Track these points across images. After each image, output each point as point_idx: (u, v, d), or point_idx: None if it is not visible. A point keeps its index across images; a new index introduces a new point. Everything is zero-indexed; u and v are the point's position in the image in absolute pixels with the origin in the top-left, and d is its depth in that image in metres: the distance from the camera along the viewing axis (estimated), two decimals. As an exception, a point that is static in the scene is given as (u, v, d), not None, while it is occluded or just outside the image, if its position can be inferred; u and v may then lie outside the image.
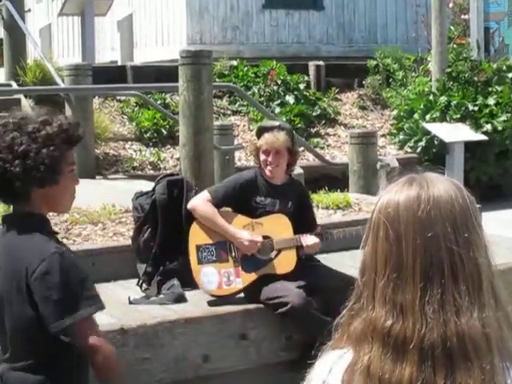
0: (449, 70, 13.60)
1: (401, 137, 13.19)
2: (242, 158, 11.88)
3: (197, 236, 5.45)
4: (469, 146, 12.58)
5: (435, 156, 12.70)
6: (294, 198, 5.54)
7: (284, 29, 16.37)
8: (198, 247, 5.43)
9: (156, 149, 11.71)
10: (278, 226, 5.43)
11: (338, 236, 5.42)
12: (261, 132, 5.47)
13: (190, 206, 5.52)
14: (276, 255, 5.42)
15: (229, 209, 5.59)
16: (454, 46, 14.47)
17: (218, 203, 5.45)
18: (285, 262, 5.39)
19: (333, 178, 10.37)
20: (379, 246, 1.68)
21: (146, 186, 9.70)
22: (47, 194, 2.93)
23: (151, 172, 11.11)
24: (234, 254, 5.42)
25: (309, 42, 16.60)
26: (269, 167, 5.41)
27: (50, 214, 7.05)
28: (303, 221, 5.49)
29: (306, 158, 12.01)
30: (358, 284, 1.73)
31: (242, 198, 5.43)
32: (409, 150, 13.11)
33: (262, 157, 5.43)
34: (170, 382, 5.05)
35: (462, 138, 12.46)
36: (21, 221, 2.94)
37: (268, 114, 10.60)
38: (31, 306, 2.84)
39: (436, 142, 12.66)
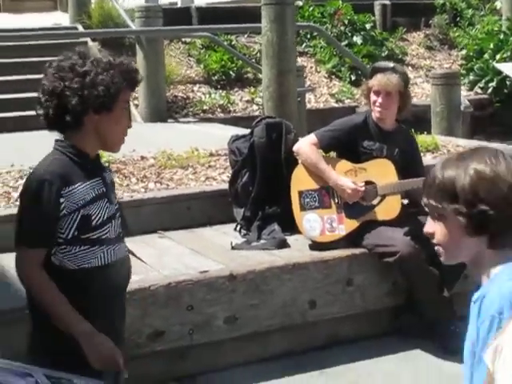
0: (520, 7, 13.26)
1: (471, 77, 12.88)
2: (312, 100, 11.70)
3: (299, 182, 5.34)
4: (541, 87, 12.29)
5: (507, 97, 12.42)
6: (402, 145, 5.39)
7: (347, -33, 15.99)
8: (301, 193, 5.33)
9: (225, 91, 11.56)
10: (382, 172, 5.28)
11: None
12: (374, 72, 5.32)
13: (295, 148, 5.41)
14: (380, 201, 5.29)
15: (333, 153, 5.47)
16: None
17: (324, 146, 5.33)
18: (389, 209, 5.25)
19: (413, 119, 10.14)
20: None
21: (220, 128, 9.66)
22: (100, 122, 2.89)
23: (221, 115, 10.99)
24: (336, 200, 5.30)
25: (372, -19, 16.20)
26: (378, 108, 5.26)
27: (134, 158, 6.99)
28: (410, 168, 5.34)
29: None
30: None
31: (350, 142, 5.29)
32: (479, 91, 12.81)
33: (373, 97, 5.28)
34: (278, 328, 4.98)
35: (535, 78, 12.17)
36: (59, 147, 2.94)
37: (351, 56, 10.40)
38: None
39: (508, 83, 12.36)
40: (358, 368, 4.87)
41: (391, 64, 5.64)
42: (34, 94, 3.01)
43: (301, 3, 13.61)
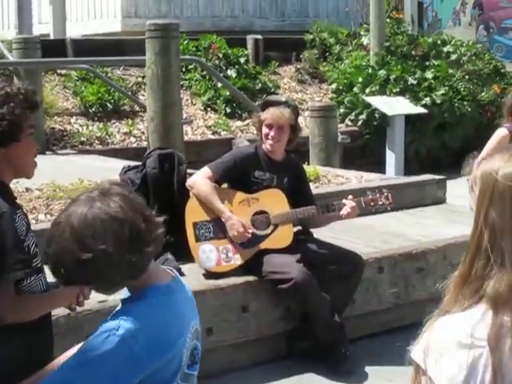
0: (387, 44, 13.78)
1: (341, 110, 13.26)
2: (189, 133, 11.82)
3: (194, 213, 5.44)
4: (409, 119, 12.78)
5: (376, 129, 12.86)
6: (291, 175, 5.57)
7: (218, 2, 16.28)
8: (195, 224, 5.42)
9: (102, 123, 11.56)
10: (273, 201, 5.45)
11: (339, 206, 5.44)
12: (266, 105, 5.48)
13: (189, 182, 5.50)
14: (273, 230, 5.44)
15: (225, 185, 5.59)
16: (387, 20, 14.65)
17: (218, 179, 5.45)
18: (282, 237, 5.42)
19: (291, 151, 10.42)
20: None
21: (100, 160, 9.67)
22: (9, 154, 2.84)
23: (99, 147, 10.98)
24: None
25: (242, 16, 16.53)
26: (270, 141, 5.43)
27: (19, 190, 6.92)
28: (300, 197, 5.53)
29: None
30: (485, 248, 1.74)
31: (242, 173, 5.44)
32: (349, 123, 13.24)
33: (265, 130, 5.44)
34: (176, 356, 5.04)
35: (403, 111, 12.64)
36: None
37: (232, 89, 10.58)
38: None
39: (377, 115, 12.82)
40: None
41: (283, 98, 5.86)
42: None
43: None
